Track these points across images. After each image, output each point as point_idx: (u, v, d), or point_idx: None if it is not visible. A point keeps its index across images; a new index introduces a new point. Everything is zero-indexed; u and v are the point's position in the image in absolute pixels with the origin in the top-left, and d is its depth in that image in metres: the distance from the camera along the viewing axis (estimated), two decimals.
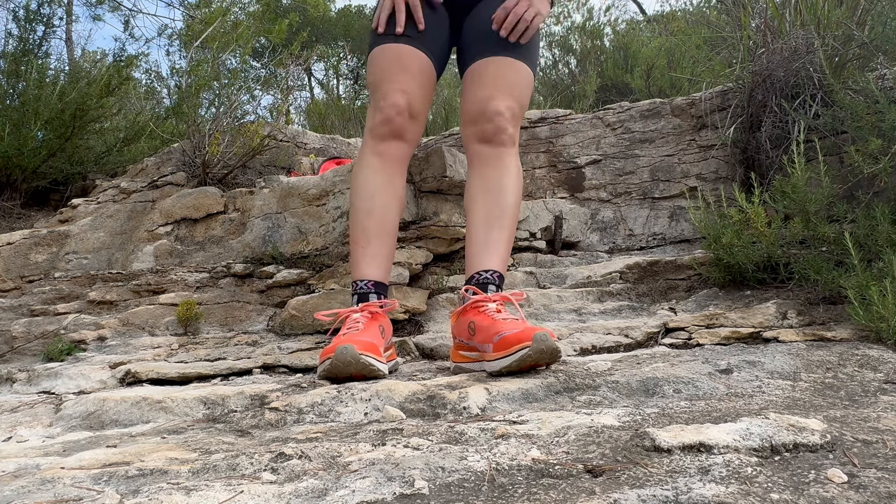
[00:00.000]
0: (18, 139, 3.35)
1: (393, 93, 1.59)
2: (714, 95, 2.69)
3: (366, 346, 1.35)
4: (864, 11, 2.37)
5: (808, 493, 0.59)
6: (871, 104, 1.89)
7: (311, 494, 0.67)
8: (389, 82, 1.60)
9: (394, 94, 1.59)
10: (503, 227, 1.56)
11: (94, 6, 6.59)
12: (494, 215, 1.56)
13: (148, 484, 0.75)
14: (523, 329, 1.25)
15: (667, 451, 0.73)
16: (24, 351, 2.10)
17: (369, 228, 1.61)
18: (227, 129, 3.32)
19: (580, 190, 2.95)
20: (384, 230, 1.62)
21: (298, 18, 7.54)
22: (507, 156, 1.60)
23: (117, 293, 2.46)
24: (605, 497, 0.60)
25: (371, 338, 1.40)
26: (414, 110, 1.62)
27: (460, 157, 2.47)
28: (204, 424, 1.17)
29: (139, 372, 1.69)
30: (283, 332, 2.20)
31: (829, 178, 1.79)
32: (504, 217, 1.57)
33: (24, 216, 3.57)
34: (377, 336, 1.45)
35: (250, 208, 2.79)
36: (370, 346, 1.36)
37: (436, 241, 2.42)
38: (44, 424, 1.31)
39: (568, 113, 3.17)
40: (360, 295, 1.56)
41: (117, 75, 3.79)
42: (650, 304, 2.04)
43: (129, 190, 3.22)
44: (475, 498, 0.63)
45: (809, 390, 1.05)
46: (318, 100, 9.40)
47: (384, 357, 1.42)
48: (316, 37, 11.80)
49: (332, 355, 1.31)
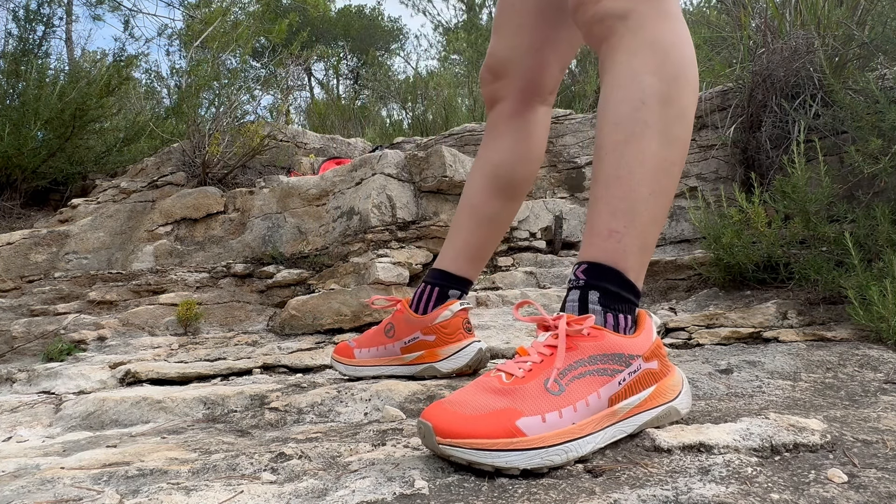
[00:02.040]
0: (18, 139, 3.35)
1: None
2: (714, 95, 2.69)
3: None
4: (864, 11, 2.36)
5: (809, 493, 0.58)
6: (872, 104, 1.89)
7: (311, 494, 0.67)
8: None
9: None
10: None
11: (94, 6, 6.59)
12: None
13: (148, 484, 0.75)
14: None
15: (667, 451, 0.73)
16: (24, 351, 2.10)
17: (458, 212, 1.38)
18: (227, 129, 3.32)
19: (580, 190, 2.95)
20: (460, 212, 1.37)
21: (298, 18, 7.54)
22: (616, 49, 0.88)
23: (117, 293, 2.46)
24: (605, 497, 0.60)
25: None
26: (496, 69, 1.29)
27: (460, 157, 2.47)
28: (204, 424, 1.17)
29: (139, 372, 1.69)
30: (283, 332, 2.19)
31: (829, 178, 1.79)
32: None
33: (24, 216, 3.57)
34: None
35: (250, 208, 2.79)
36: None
37: (436, 241, 2.42)
38: (44, 424, 1.30)
39: (568, 113, 3.17)
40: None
41: (117, 75, 3.79)
42: (650, 303, 2.04)
43: (129, 190, 3.21)
44: (475, 498, 0.63)
45: (809, 390, 1.05)
46: (318, 100, 9.40)
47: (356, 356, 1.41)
48: (316, 37, 11.80)
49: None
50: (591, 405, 0.74)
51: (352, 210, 2.50)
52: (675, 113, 0.85)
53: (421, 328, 1.31)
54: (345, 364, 1.40)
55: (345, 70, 13.36)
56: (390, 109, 7.66)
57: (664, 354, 0.83)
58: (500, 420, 0.71)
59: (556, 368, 0.75)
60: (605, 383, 0.76)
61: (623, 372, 0.78)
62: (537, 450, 0.70)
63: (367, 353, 1.38)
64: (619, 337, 0.79)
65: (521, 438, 0.70)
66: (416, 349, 1.32)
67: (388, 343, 1.36)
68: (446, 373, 1.29)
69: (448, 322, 1.29)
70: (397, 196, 2.44)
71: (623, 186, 0.84)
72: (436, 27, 17.16)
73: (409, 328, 1.33)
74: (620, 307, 0.83)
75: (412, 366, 1.33)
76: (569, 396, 0.74)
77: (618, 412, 0.77)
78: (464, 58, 10.11)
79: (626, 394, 0.78)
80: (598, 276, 0.84)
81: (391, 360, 1.36)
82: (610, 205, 0.84)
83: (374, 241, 2.34)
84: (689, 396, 0.85)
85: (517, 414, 0.71)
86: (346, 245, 2.42)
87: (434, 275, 1.35)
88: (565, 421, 0.72)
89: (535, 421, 0.71)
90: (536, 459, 0.69)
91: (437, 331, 1.29)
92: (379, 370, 1.36)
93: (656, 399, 0.80)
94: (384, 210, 2.40)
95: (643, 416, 0.79)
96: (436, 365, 1.30)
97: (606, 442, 0.75)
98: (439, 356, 1.30)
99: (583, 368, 0.76)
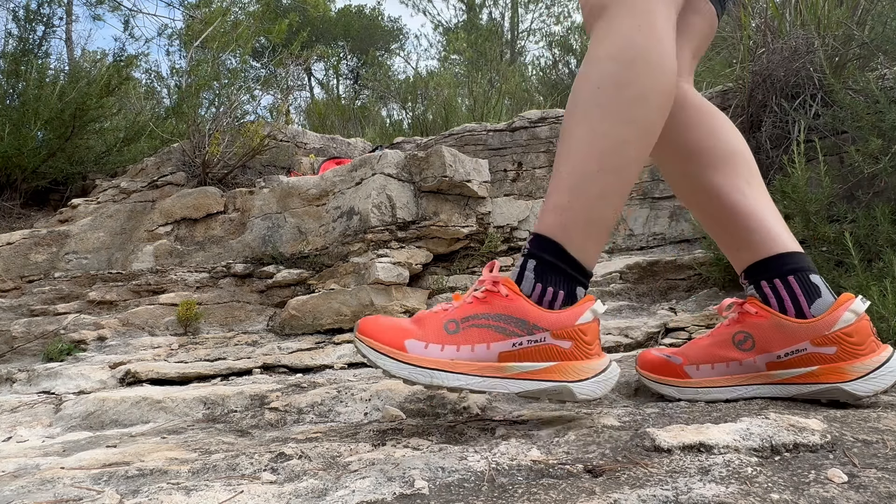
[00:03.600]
0: (18, 139, 3.36)
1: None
2: (714, 95, 2.69)
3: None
4: (864, 11, 2.36)
5: (809, 493, 0.58)
6: (872, 104, 1.89)
7: (311, 494, 0.67)
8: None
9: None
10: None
11: (94, 6, 6.59)
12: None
13: (148, 484, 0.75)
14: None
15: (667, 451, 0.73)
16: (24, 351, 2.10)
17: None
18: (227, 129, 3.32)
19: None
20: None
21: (298, 18, 7.54)
22: (591, 40, 0.94)
23: (117, 293, 2.46)
24: (605, 497, 0.60)
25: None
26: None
27: (460, 157, 2.47)
28: (204, 424, 1.17)
29: (139, 372, 1.69)
30: (282, 332, 2.19)
31: (829, 177, 1.79)
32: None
33: (24, 216, 3.57)
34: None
35: (250, 208, 2.79)
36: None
37: (436, 241, 2.42)
38: (44, 424, 1.30)
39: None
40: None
41: (117, 75, 3.79)
42: (650, 303, 2.04)
43: (129, 190, 3.21)
44: (475, 498, 0.63)
45: None
46: (318, 100, 9.40)
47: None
48: (316, 37, 11.80)
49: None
50: (476, 352, 0.85)
51: (352, 210, 2.50)
52: (631, 94, 0.87)
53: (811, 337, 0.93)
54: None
55: (345, 70, 13.37)
56: (390, 109, 7.66)
57: (588, 340, 0.86)
58: (397, 335, 0.86)
59: (455, 312, 0.88)
60: (499, 340, 0.85)
61: (521, 337, 0.85)
62: (409, 365, 0.84)
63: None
64: (530, 306, 0.85)
65: (401, 353, 0.85)
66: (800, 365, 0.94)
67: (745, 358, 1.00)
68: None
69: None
70: (397, 196, 2.43)
71: (572, 163, 0.88)
72: (436, 27, 17.17)
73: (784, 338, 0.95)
74: (553, 279, 0.87)
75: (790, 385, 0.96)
76: (459, 338, 0.86)
77: (506, 369, 0.85)
78: (464, 58, 10.11)
79: (520, 357, 0.85)
80: (539, 247, 0.89)
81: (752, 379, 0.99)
82: (559, 180, 0.89)
83: (374, 241, 2.34)
84: (599, 385, 0.86)
85: (409, 334, 0.86)
86: (346, 245, 2.42)
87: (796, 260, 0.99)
88: (444, 354, 0.85)
89: (419, 345, 0.85)
90: (404, 372, 0.84)
91: (840, 340, 0.92)
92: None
93: (554, 374, 0.85)
94: (384, 210, 2.40)
95: (531, 384, 0.85)
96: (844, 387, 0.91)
97: (484, 389, 0.85)
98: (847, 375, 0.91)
99: (485, 321, 0.86)
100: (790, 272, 0.97)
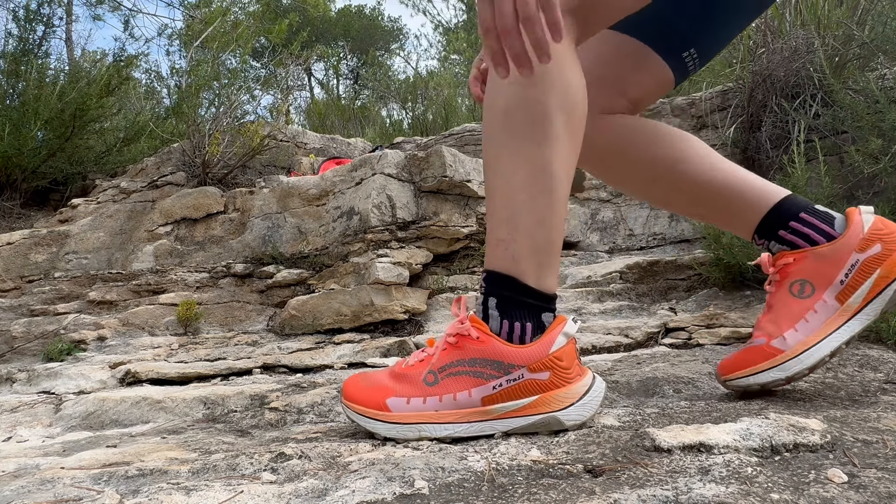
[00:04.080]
0: (18, 139, 3.36)
1: None
2: (714, 95, 2.69)
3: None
4: (864, 11, 2.36)
5: (809, 493, 0.58)
6: (872, 104, 1.89)
7: (311, 494, 0.67)
8: None
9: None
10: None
11: (94, 6, 6.59)
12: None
13: (148, 484, 0.75)
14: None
15: (667, 451, 0.73)
16: (24, 351, 2.10)
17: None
18: (227, 129, 3.32)
19: (580, 190, 2.95)
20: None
21: (298, 18, 7.54)
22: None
23: (117, 293, 2.46)
24: (605, 497, 0.60)
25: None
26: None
27: (460, 157, 2.47)
28: (204, 424, 1.17)
29: (139, 372, 1.69)
30: (282, 332, 2.20)
31: (829, 178, 1.79)
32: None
33: (24, 216, 3.57)
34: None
35: (250, 208, 2.79)
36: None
37: (436, 241, 2.42)
38: (44, 424, 1.31)
39: None
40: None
41: (117, 75, 3.79)
42: (650, 304, 2.04)
43: (129, 190, 3.22)
44: (475, 498, 0.63)
45: (809, 390, 1.05)
46: (318, 100, 9.40)
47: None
48: (316, 37, 11.81)
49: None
50: (458, 400, 0.85)
51: (352, 210, 2.50)
52: (540, 111, 0.84)
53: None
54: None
55: (345, 70, 13.37)
56: (390, 109, 7.67)
57: (564, 366, 0.85)
58: (377, 395, 0.88)
59: (432, 364, 0.88)
60: (479, 385, 0.85)
61: (500, 378, 0.85)
62: (395, 424, 0.86)
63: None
64: (503, 345, 0.85)
65: (386, 413, 0.87)
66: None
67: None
68: None
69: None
70: (397, 196, 2.44)
71: (501, 196, 0.87)
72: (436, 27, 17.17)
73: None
74: (518, 313, 0.87)
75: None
76: (439, 388, 0.86)
77: (491, 412, 0.85)
78: (464, 58, 10.11)
79: (503, 398, 0.85)
80: (495, 284, 0.88)
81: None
82: (495, 215, 0.88)
83: (374, 241, 2.34)
84: (584, 408, 0.86)
85: (390, 393, 0.88)
86: (346, 245, 2.42)
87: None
88: (427, 407, 0.86)
89: (401, 402, 0.87)
90: (393, 431, 0.86)
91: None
92: None
93: (538, 407, 0.85)
94: (384, 210, 2.40)
95: (519, 421, 0.85)
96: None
97: (472, 434, 0.85)
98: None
99: (461, 368, 0.86)
100: (799, 210, 1.01)
